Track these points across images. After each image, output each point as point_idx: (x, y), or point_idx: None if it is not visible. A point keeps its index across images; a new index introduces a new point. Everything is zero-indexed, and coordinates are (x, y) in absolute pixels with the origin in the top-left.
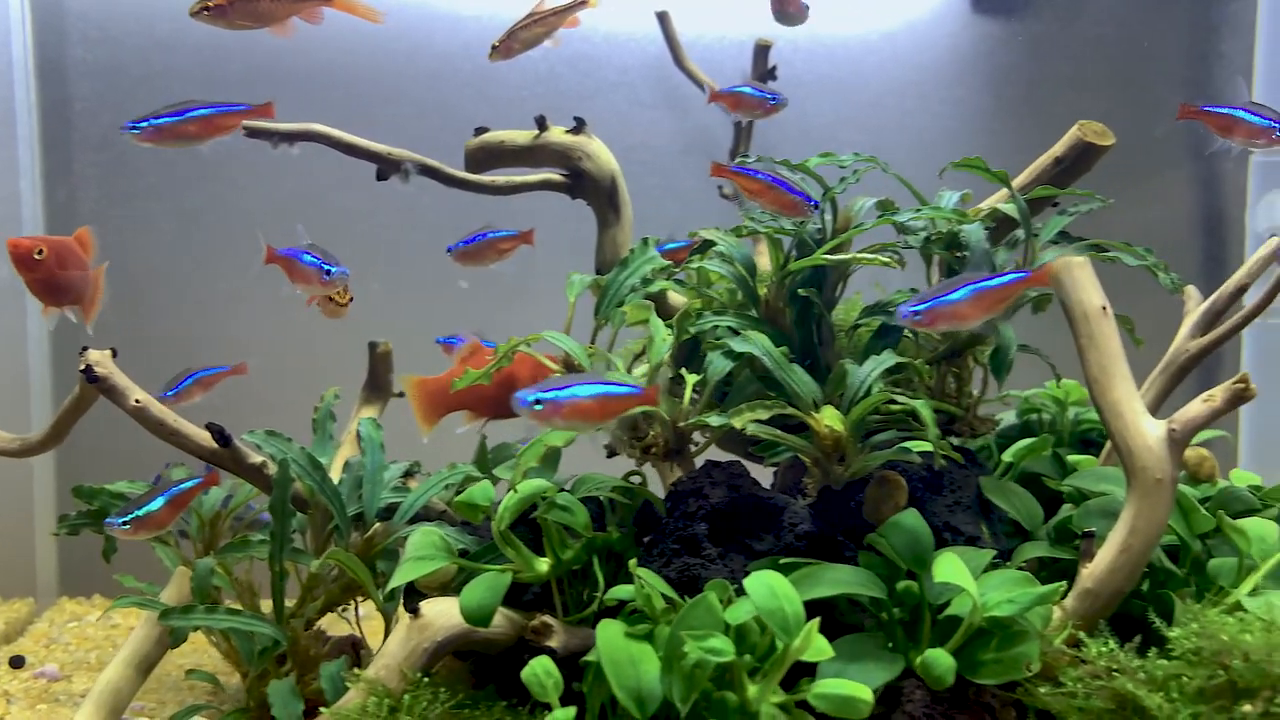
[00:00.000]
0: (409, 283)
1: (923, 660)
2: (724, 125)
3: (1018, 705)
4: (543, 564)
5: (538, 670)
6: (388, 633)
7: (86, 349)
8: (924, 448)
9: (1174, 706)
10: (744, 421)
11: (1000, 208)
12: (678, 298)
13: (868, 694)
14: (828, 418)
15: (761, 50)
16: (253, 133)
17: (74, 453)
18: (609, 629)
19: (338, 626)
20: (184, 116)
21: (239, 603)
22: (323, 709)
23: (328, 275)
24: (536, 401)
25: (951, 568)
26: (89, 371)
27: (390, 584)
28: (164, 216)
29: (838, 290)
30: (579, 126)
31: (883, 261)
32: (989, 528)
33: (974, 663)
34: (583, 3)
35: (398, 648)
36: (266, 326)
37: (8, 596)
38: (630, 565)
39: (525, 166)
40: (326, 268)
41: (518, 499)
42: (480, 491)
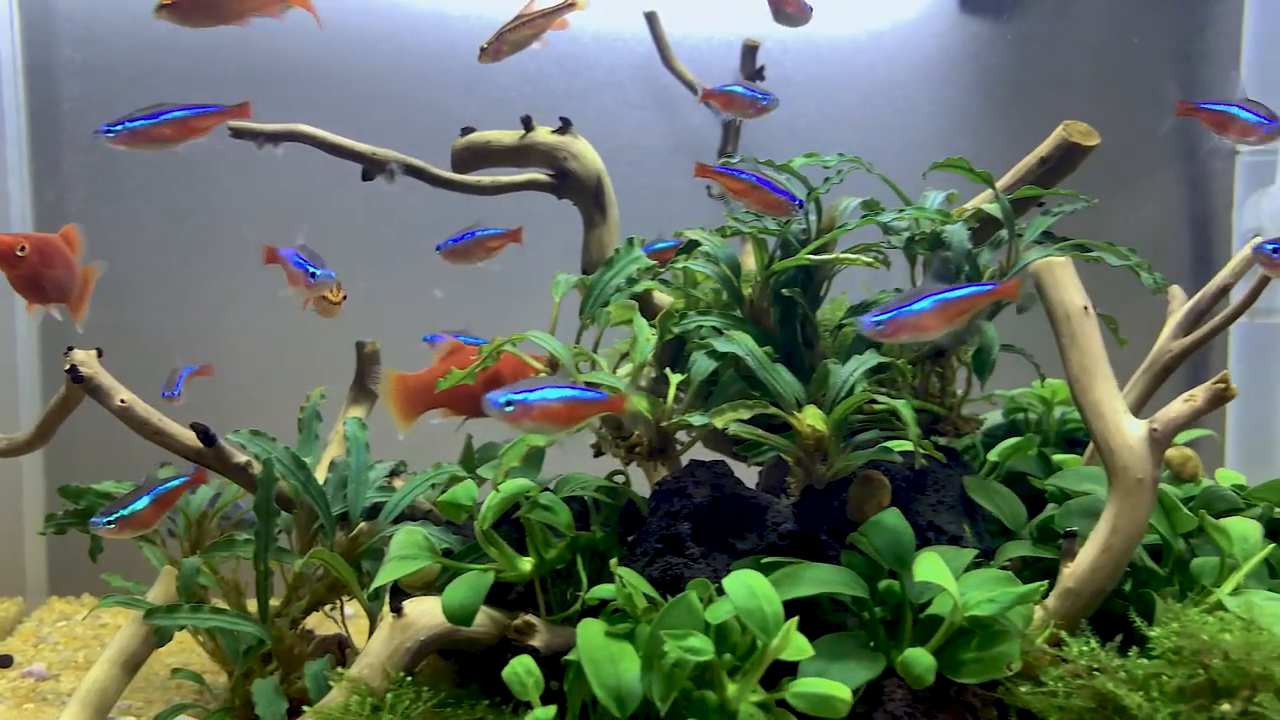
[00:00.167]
0: (398, 282)
1: (903, 659)
2: (712, 125)
3: (999, 704)
4: (526, 563)
5: (518, 669)
6: (373, 632)
7: (72, 349)
8: (906, 447)
9: (1154, 705)
10: (726, 421)
11: (985, 208)
12: (664, 298)
13: (846, 693)
14: (810, 417)
15: (749, 50)
16: (238, 133)
17: (64, 452)
18: (589, 628)
19: (326, 626)
20: (159, 119)
21: (225, 602)
22: (306, 708)
23: (312, 278)
24: (508, 403)
25: (932, 567)
26: (74, 371)
27: (374, 583)
28: (153, 216)
29: (823, 290)
30: (565, 127)
31: (865, 262)
32: (973, 527)
33: (955, 662)
34: (571, 5)
35: (381, 647)
36: (255, 326)
37: None
38: (611, 564)
39: (511, 166)
40: (311, 270)
41: (500, 499)
42: (463, 491)
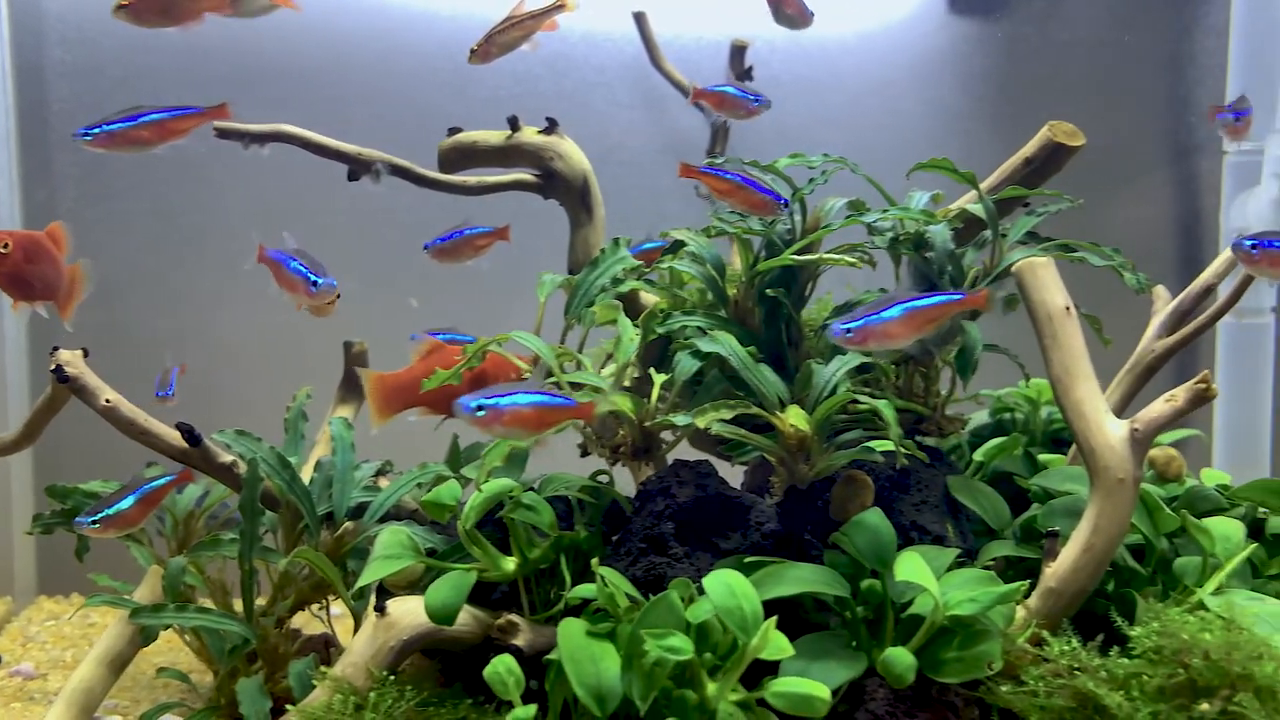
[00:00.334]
0: (391, 282)
1: (884, 659)
2: (701, 126)
3: (980, 704)
4: (509, 563)
5: (499, 668)
6: (358, 631)
7: (57, 349)
8: (888, 447)
9: (1134, 705)
10: (708, 421)
11: (969, 208)
12: (650, 298)
13: (825, 692)
14: (792, 417)
15: (737, 51)
16: (223, 133)
17: (52, 452)
18: (570, 627)
19: (314, 625)
20: (137, 121)
21: (211, 601)
22: (290, 706)
23: (314, 287)
24: (479, 408)
25: (913, 566)
26: (59, 371)
27: (358, 583)
28: (142, 216)
29: (808, 290)
30: (551, 127)
31: (848, 262)
32: (957, 527)
33: (936, 661)
34: (560, 6)
35: (364, 646)
36: (245, 325)
37: None
38: (593, 564)
39: (498, 167)
40: (314, 278)
41: (482, 498)
42: (447, 491)
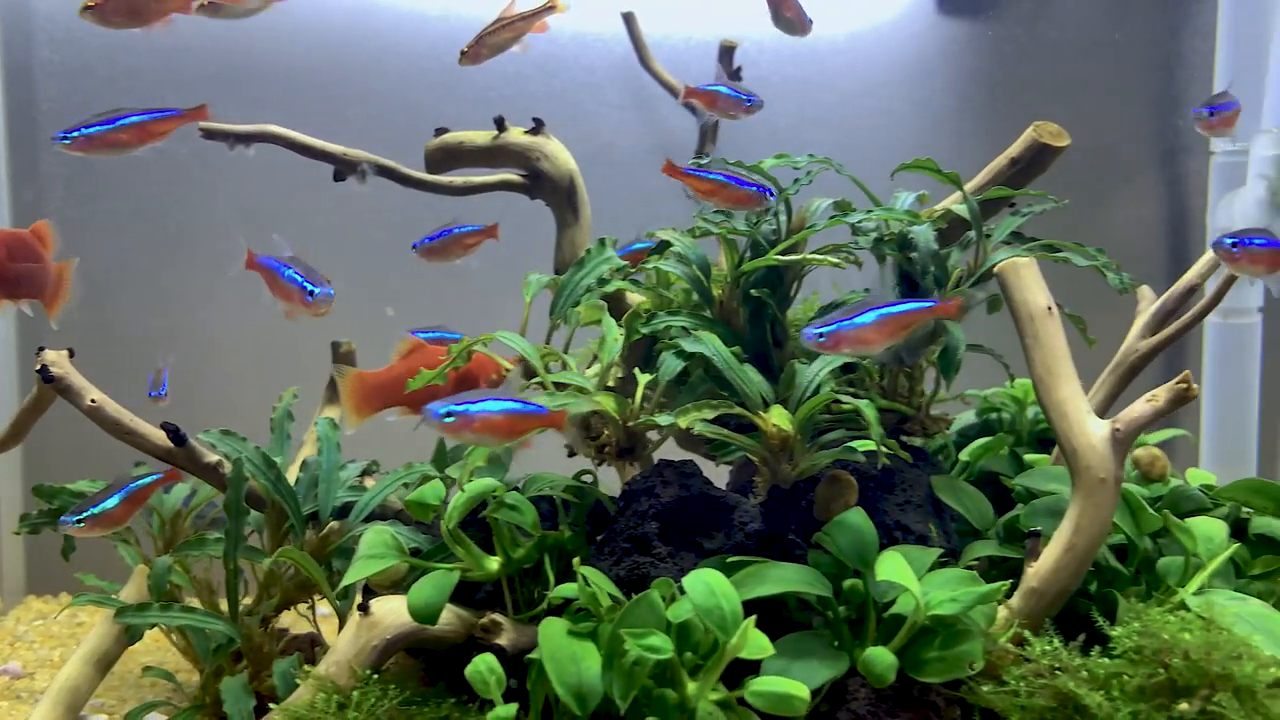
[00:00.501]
0: (383, 282)
1: (864, 658)
2: (691, 127)
3: (962, 704)
4: (493, 562)
5: (480, 667)
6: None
7: (43, 349)
8: (870, 447)
9: (1114, 705)
10: (690, 420)
11: (955, 209)
12: (637, 298)
13: (804, 691)
14: (775, 417)
15: (726, 51)
16: (208, 134)
17: (41, 452)
18: (552, 627)
19: (302, 625)
20: (115, 124)
21: (198, 601)
22: (273, 705)
23: (311, 296)
24: (448, 414)
25: (894, 566)
26: (44, 371)
27: (342, 582)
28: (130, 216)
29: (793, 290)
30: (537, 127)
31: (832, 263)
32: (941, 527)
33: (918, 661)
34: (551, 7)
35: (347, 645)
36: (234, 325)
37: None
38: (574, 564)
39: (484, 167)
40: (310, 287)
41: (465, 498)
42: (430, 490)
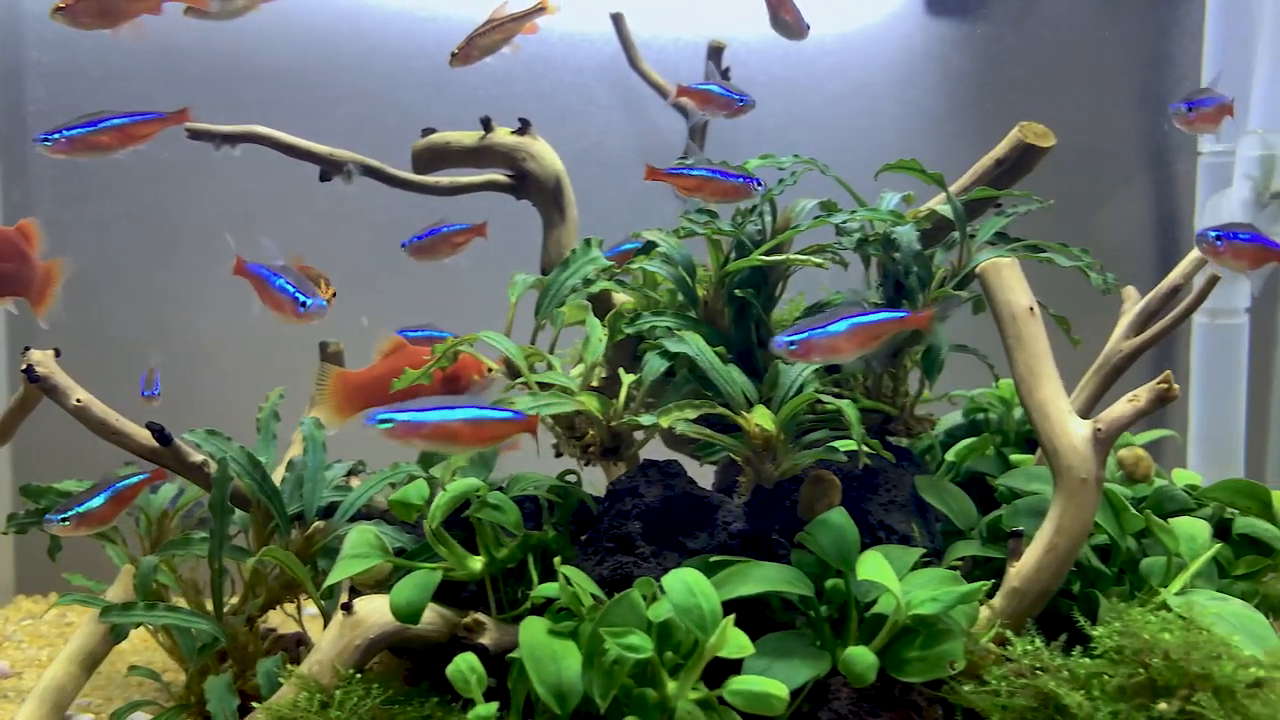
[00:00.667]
0: (374, 282)
1: (845, 658)
2: (680, 127)
3: (944, 703)
4: (476, 562)
5: (461, 666)
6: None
7: (29, 348)
8: (853, 447)
9: (1094, 704)
10: (672, 420)
11: (940, 209)
12: (623, 299)
13: (783, 691)
14: (758, 417)
15: (715, 51)
16: (194, 134)
17: (30, 452)
18: (532, 626)
19: (290, 624)
20: (97, 127)
21: (184, 600)
22: (256, 704)
23: (303, 308)
24: (384, 420)
25: (875, 566)
26: (30, 371)
27: (326, 581)
28: (120, 216)
29: (778, 290)
30: (524, 128)
31: (816, 263)
32: (925, 527)
33: (899, 660)
34: (541, 9)
35: (330, 644)
36: (224, 325)
37: None
38: (556, 563)
39: (471, 167)
40: (303, 299)
41: (448, 498)
42: (414, 490)
